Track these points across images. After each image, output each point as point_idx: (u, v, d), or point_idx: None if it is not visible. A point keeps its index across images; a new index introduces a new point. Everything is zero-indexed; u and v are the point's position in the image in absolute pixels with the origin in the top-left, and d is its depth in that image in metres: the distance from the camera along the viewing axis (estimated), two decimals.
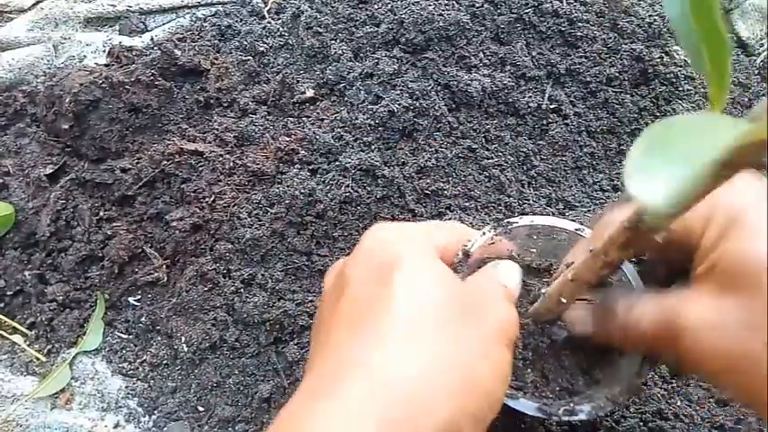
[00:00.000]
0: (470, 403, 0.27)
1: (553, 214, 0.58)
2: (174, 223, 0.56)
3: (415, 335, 0.28)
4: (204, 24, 0.80)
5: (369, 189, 0.57)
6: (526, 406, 0.32)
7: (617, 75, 0.64)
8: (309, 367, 0.31)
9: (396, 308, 0.28)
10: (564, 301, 0.32)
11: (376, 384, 0.26)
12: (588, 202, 0.60)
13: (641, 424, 0.45)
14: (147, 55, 0.70)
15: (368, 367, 0.26)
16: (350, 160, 0.58)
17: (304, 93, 0.67)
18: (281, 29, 0.76)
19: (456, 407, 0.26)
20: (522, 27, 0.67)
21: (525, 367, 0.35)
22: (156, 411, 0.52)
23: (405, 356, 0.27)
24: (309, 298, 0.54)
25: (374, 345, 0.28)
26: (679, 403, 0.46)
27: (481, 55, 0.66)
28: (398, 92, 0.62)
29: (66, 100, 0.59)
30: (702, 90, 0.65)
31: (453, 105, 0.62)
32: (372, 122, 0.61)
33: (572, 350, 0.36)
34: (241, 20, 0.80)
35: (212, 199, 0.57)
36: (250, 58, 0.72)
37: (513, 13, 0.67)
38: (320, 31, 0.70)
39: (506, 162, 0.61)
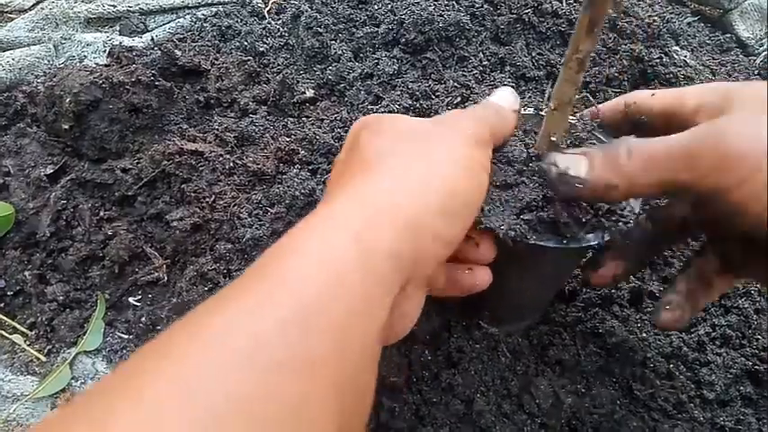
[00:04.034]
0: (432, 200, 0.29)
1: None
2: (175, 223, 0.56)
3: (382, 163, 0.30)
4: (204, 25, 0.80)
5: None
6: (542, 239, 0.34)
7: (616, 75, 0.64)
8: None
9: (363, 152, 0.32)
10: (554, 138, 0.34)
11: (353, 207, 0.28)
12: None
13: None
14: (147, 55, 0.71)
15: (343, 198, 0.29)
16: None
17: (304, 93, 0.67)
18: (281, 29, 0.76)
19: (416, 201, 0.28)
20: (521, 27, 0.67)
21: (539, 210, 0.35)
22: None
23: (374, 178, 0.29)
24: None
25: (346, 185, 0.30)
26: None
27: (481, 55, 0.66)
28: (398, 92, 0.62)
29: (67, 100, 0.59)
30: None
31: (454, 104, 0.62)
32: None
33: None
34: (241, 20, 0.80)
35: (212, 199, 0.57)
36: (250, 58, 0.72)
37: (513, 14, 0.67)
38: (320, 31, 0.70)
39: None
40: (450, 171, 0.30)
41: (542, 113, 0.41)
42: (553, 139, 0.34)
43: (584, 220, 0.34)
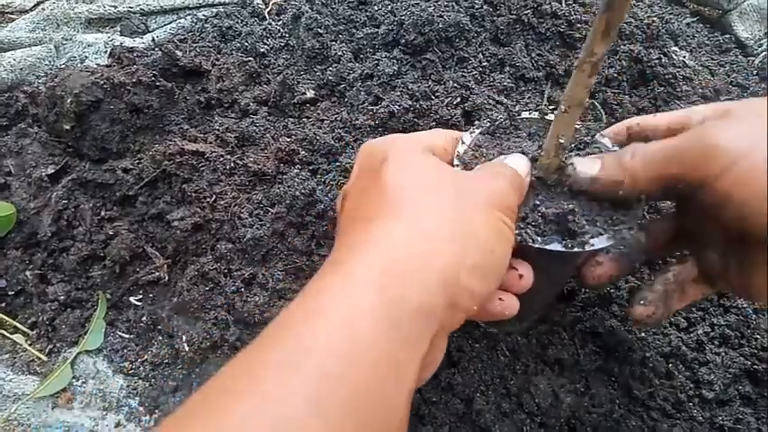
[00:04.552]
0: (469, 259, 0.29)
1: None
2: (176, 223, 0.57)
3: (409, 208, 0.31)
4: (205, 25, 0.80)
5: None
6: (547, 242, 0.34)
7: (616, 75, 0.64)
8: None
9: (387, 189, 0.32)
10: (562, 140, 0.34)
11: (376, 252, 0.28)
12: None
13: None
14: (148, 56, 0.71)
15: (366, 241, 0.29)
16: (350, 161, 0.58)
17: (304, 93, 0.67)
18: (281, 30, 0.76)
19: (452, 258, 0.29)
20: (521, 28, 0.67)
21: (544, 221, 0.36)
22: (157, 411, 0.52)
23: (402, 225, 0.30)
24: None
25: (370, 224, 0.30)
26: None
27: (480, 56, 0.66)
28: (398, 93, 0.62)
29: (68, 100, 0.59)
30: (700, 91, 0.65)
31: (454, 105, 0.62)
32: (372, 123, 0.61)
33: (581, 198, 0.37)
34: (242, 21, 0.80)
35: (213, 199, 0.58)
36: (251, 59, 0.72)
37: (513, 15, 0.67)
38: (321, 32, 0.71)
39: None
40: (486, 232, 0.31)
41: (547, 117, 0.41)
42: (561, 141, 0.34)
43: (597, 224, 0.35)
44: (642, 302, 0.39)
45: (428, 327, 0.27)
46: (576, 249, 0.34)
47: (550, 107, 0.43)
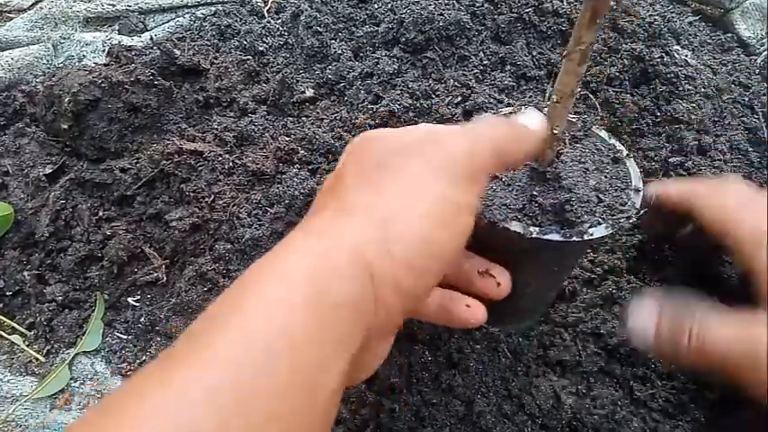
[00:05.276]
0: (397, 250, 0.25)
1: None
2: (174, 223, 0.56)
3: (357, 190, 0.28)
4: (204, 24, 0.80)
5: None
6: (545, 232, 0.33)
7: (617, 74, 0.64)
8: None
9: (341, 182, 0.29)
10: (556, 131, 0.34)
11: (313, 239, 0.26)
12: None
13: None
14: (146, 54, 0.70)
15: (307, 231, 0.27)
16: None
17: (304, 92, 0.67)
18: (280, 28, 0.76)
19: (377, 247, 0.25)
20: (522, 27, 0.67)
21: (542, 212, 0.35)
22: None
23: (344, 212, 0.27)
24: None
25: (316, 216, 0.28)
26: None
27: (481, 54, 0.66)
28: (398, 92, 0.62)
29: (66, 100, 0.59)
30: (703, 90, 0.64)
31: (455, 104, 0.62)
32: (372, 122, 0.60)
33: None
34: (241, 19, 0.80)
35: (212, 199, 0.57)
36: (250, 57, 0.72)
37: (514, 13, 0.66)
38: (320, 30, 0.70)
39: None
40: (421, 217, 0.26)
41: (543, 111, 0.41)
42: (555, 131, 0.34)
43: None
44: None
45: (354, 322, 0.24)
46: (574, 239, 0.33)
47: (548, 103, 0.43)
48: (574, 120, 0.38)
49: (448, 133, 0.29)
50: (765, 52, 0.76)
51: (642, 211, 0.36)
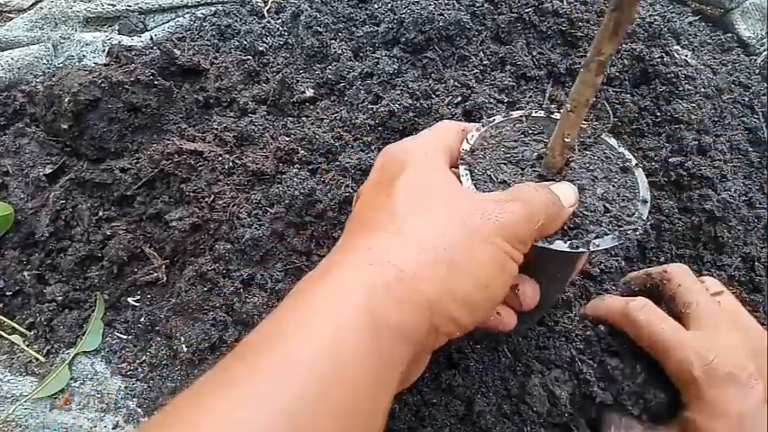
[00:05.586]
0: (458, 289, 0.28)
1: None
2: (174, 223, 0.56)
3: (411, 226, 0.30)
4: (204, 24, 0.80)
5: None
6: (559, 245, 0.34)
7: (617, 74, 0.64)
8: None
9: (395, 203, 0.31)
10: (567, 140, 0.34)
11: (367, 265, 0.28)
12: None
13: None
14: (146, 54, 0.70)
15: (362, 251, 0.29)
16: (350, 160, 0.58)
17: (304, 92, 0.67)
18: (280, 28, 0.76)
19: (441, 286, 0.28)
20: (522, 27, 0.67)
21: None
22: (155, 412, 0.52)
23: (399, 242, 0.29)
24: None
25: (370, 234, 0.30)
26: None
27: (481, 55, 0.66)
28: (398, 92, 0.62)
29: (66, 100, 0.59)
30: (703, 90, 0.64)
31: (455, 104, 0.62)
32: (372, 122, 0.60)
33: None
34: (241, 19, 0.80)
35: (212, 199, 0.57)
36: (250, 57, 0.72)
37: (514, 13, 0.66)
38: (320, 30, 0.70)
39: None
40: (483, 264, 0.29)
41: (553, 116, 0.41)
42: (567, 140, 0.34)
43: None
44: None
45: (407, 347, 0.27)
46: (581, 249, 0.34)
47: (552, 106, 0.43)
48: (584, 126, 0.38)
49: (508, 197, 0.33)
50: (765, 52, 0.76)
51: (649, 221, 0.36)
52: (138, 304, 0.57)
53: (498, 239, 0.30)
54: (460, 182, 0.36)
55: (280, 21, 0.78)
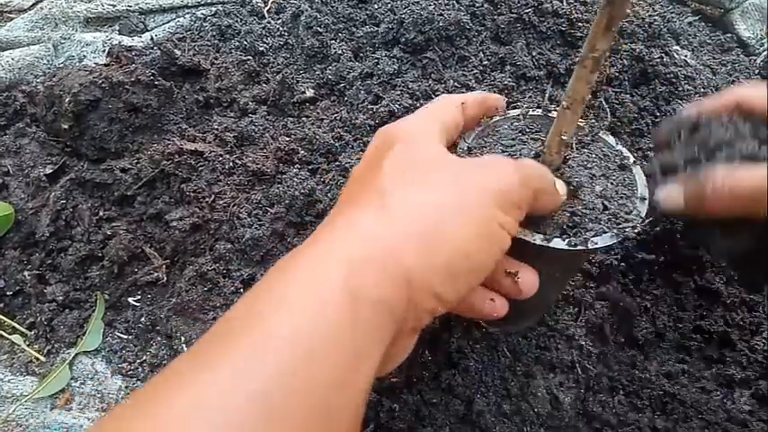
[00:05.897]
0: (438, 260, 0.27)
1: None
2: (174, 223, 0.56)
3: (395, 199, 0.29)
4: (204, 24, 0.80)
5: None
6: (557, 243, 0.34)
7: (617, 74, 0.64)
8: None
9: (381, 177, 0.30)
10: (564, 137, 0.34)
11: (348, 239, 0.27)
12: None
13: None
14: (146, 55, 0.70)
15: (344, 225, 0.29)
16: (350, 160, 0.58)
17: (304, 93, 0.67)
18: (280, 29, 0.76)
19: (419, 257, 0.27)
20: (522, 27, 0.67)
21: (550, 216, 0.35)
22: None
23: (382, 215, 0.28)
24: None
25: (353, 209, 0.30)
26: None
27: (481, 55, 0.66)
28: (398, 92, 0.62)
29: (66, 100, 0.59)
30: (702, 90, 0.64)
31: None
32: (372, 122, 0.60)
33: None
34: (241, 20, 0.80)
35: (212, 199, 0.57)
36: (250, 57, 0.72)
37: (513, 13, 0.66)
38: (320, 30, 0.70)
39: None
40: (465, 231, 0.28)
41: (551, 115, 0.41)
42: (564, 137, 0.34)
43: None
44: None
45: (388, 322, 0.26)
46: (579, 247, 0.34)
47: (552, 106, 0.43)
48: (582, 124, 0.38)
49: (498, 159, 0.32)
50: (765, 52, 0.76)
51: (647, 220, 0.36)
52: (138, 304, 0.57)
53: (488, 204, 0.29)
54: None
55: (280, 21, 0.78)
